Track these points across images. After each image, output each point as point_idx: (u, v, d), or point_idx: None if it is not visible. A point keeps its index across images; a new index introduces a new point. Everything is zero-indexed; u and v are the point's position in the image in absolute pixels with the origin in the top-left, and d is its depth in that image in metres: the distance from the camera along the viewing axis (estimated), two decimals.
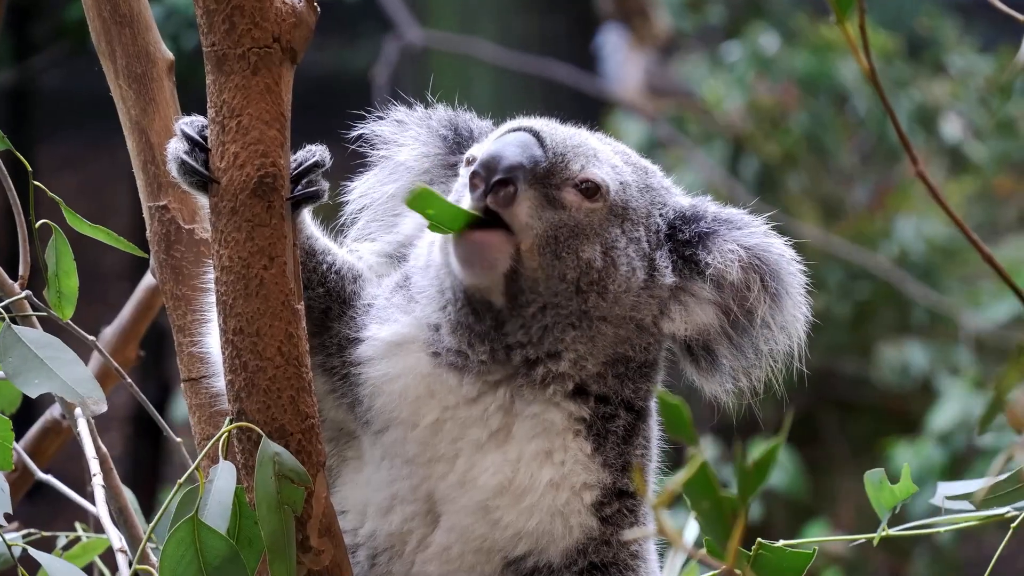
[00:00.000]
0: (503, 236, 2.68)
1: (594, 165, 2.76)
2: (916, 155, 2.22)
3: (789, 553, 2.66)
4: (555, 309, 2.74)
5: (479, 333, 2.75)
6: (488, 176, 2.66)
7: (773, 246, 2.81)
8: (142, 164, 2.98)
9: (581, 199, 2.73)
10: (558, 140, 2.76)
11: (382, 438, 2.79)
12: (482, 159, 2.68)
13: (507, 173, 2.67)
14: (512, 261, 2.69)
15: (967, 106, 9.51)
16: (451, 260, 2.71)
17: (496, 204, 2.66)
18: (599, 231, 2.75)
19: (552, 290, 2.72)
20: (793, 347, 2.81)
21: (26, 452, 3.26)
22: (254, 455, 2.57)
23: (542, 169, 2.72)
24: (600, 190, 2.75)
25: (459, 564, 2.79)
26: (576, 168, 2.75)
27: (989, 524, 2.88)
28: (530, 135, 2.75)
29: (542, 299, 2.73)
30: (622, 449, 2.80)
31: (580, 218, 2.73)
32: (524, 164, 2.69)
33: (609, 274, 2.74)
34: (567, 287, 2.73)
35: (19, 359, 2.61)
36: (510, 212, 2.68)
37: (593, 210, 2.74)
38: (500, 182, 2.66)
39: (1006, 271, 2.26)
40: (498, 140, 2.75)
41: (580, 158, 2.76)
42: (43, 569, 2.64)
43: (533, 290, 2.72)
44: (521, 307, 2.73)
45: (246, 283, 2.58)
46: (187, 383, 2.93)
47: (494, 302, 2.73)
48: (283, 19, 2.58)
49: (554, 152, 2.74)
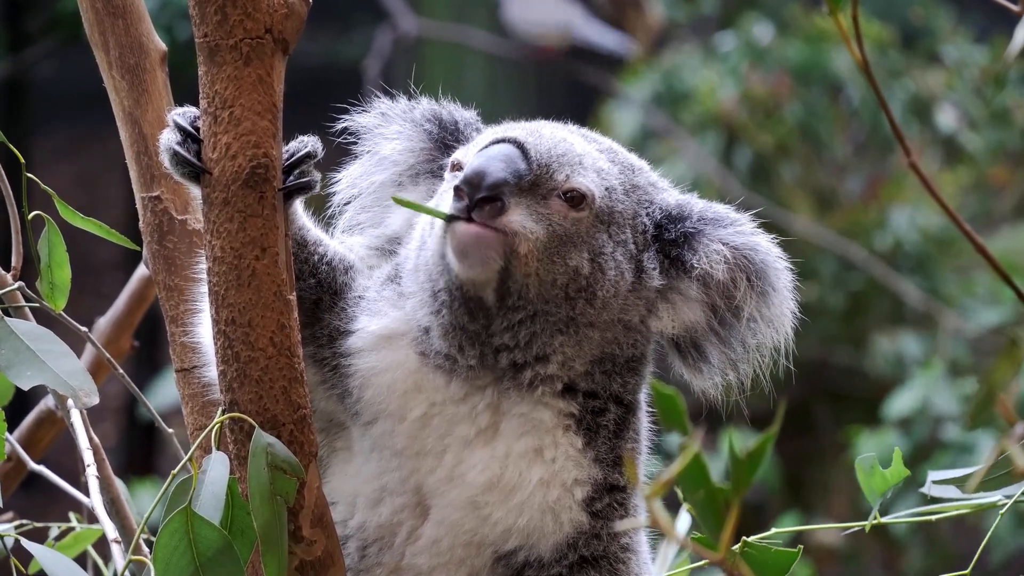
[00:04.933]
0: (498, 234, 2.69)
1: (579, 174, 2.76)
2: (909, 146, 2.22)
3: (774, 551, 2.67)
4: (544, 316, 2.74)
5: (471, 335, 2.75)
6: (472, 193, 2.67)
7: (759, 244, 2.81)
8: (135, 155, 2.98)
9: (567, 209, 2.74)
10: (542, 151, 2.76)
11: (371, 429, 2.80)
12: (466, 175, 2.69)
13: (491, 191, 2.68)
14: (504, 260, 2.70)
15: (961, 96, 9.51)
16: (447, 251, 2.71)
17: (482, 219, 2.67)
18: (586, 239, 2.75)
19: (543, 296, 2.73)
20: (781, 342, 2.82)
21: (20, 443, 3.26)
22: (246, 445, 2.57)
23: (527, 182, 2.72)
24: (585, 199, 2.75)
25: (449, 557, 2.79)
26: (561, 178, 2.75)
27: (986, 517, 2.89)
28: (514, 147, 2.75)
29: (532, 306, 2.73)
30: (613, 443, 2.80)
31: (567, 227, 2.73)
32: (508, 180, 2.70)
33: (597, 280, 2.75)
34: (557, 293, 2.73)
35: (11, 351, 2.61)
36: (499, 222, 2.68)
37: (579, 219, 2.74)
38: (484, 199, 2.67)
39: (999, 262, 2.26)
40: (481, 154, 2.74)
41: (565, 167, 2.76)
42: (35, 560, 2.64)
43: (522, 295, 2.72)
44: (509, 309, 2.74)
45: (238, 273, 2.58)
46: (179, 373, 2.93)
47: (485, 299, 2.73)
48: (275, 10, 2.58)
49: (538, 164, 2.74)
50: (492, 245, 2.68)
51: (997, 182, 9.70)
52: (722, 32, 9.87)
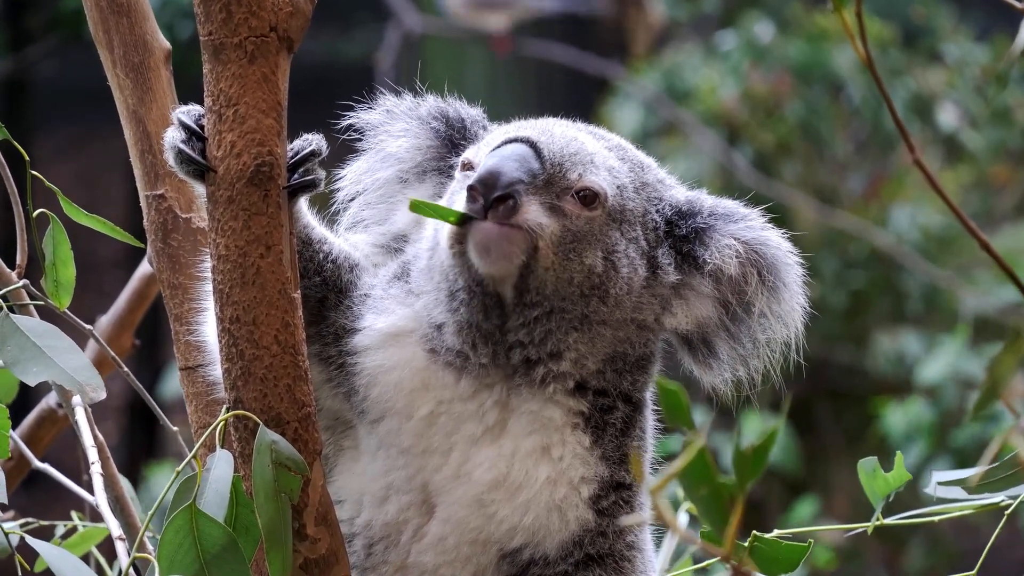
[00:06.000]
0: (519, 230, 2.69)
1: (591, 172, 2.77)
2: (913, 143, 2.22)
3: (785, 546, 2.67)
4: (560, 313, 2.75)
5: (485, 332, 2.75)
6: (487, 193, 2.68)
7: (770, 239, 2.81)
8: (139, 153, 2.98)
9: (580, 207, 2.74)
10: (555, 150, 2.76)
11: (378, 428, 2.80)
12: (480, 175, 2.69)
13: (506, 189, 2.68)
14: (526, 255, 2.70)
15: (963, 95, 9.50)
16: (468, 249, 2.71)
17: (497, 218, 2.67)
18: (599, 237, 2.75)
19: (560, 294, 2.73)
20: (791, 337, 2.82)
21: (23, 441, 3.26)
22: (251, 443, 2.57)
23: (540, 182, 2.73)
24: (598, 197, 2.76)
25: (455, 555, 2.80)
26: (574, 177, 2.75)
27: (987, 515, 2.88)
28: (527, 147, 2.75)
29: (548, 302, 2.74)
30: (620, 441, 2.81)
31: (580, 225, 2.74)
32: (523, 179, 2.71)
33: (610, 278, 2.75)
34: (574, 291, 2.73)
35: (17, 348, 2.61)
36: (517, 219, 2.69)
37: (592, 218, 2.75)
38: (499, 198, 2.67)
39: (1003, 259, 2.26)
40: (494, 154, 2.75)
41: (577, 166, 2.76)
42: (41, 558, 2.64)
43: (540, 291, 2.73)
44: (526, 306, 2.74)
45: (243, 271, 2.58)
46: (184, 371, 2.93)
47: (504, 295, 2.73)
48: (280, 8, 2.58)
49: (551, 163, 2.75)
50: (515, 241, 2.69)
51: (998, 181, 9.69)
52: (723, 31, 9.86)
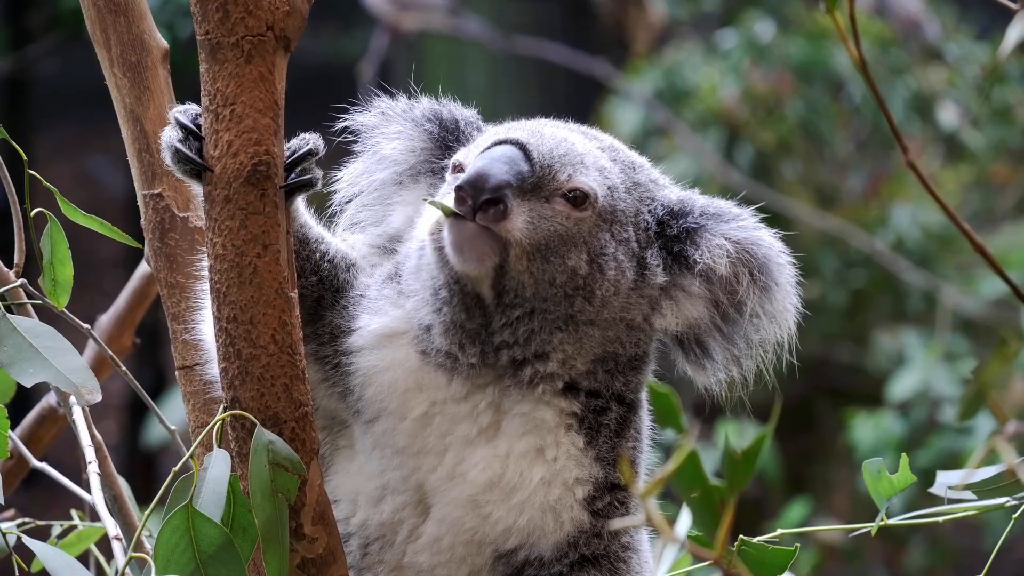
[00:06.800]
0: (492, 235, 2.68)
1: (581, 173, 2.76)
2: (910, 144, 2.22)
3: (771, 550, 2.67)
4: (542, 313, 2.74)
5: (470, 332, 2.75)
6: (476, 195, 2.67)
7: (762, 239, 2.81)
8: (136, 152, 2.98)
9: (569, 208, 2.74)
10: (544, 151, 2.76)
11: (373, 427, 2.80)
12: (468, 178, 2.68)
13: (494, 192, 2.68)
14: (500, 257, 2.70)
15: (963, 93, 9.50)
16: (445, 244, 2.71)
17: (485, 221, 2.67)
18: (587, 238, 2.75)
19: (540, 295, 2.73)
20: (784, 337, 2.82)
21: (22, 440, 3.26)
22: (248, 443, 2.58)
23: (529, 184, 2.72)
24: (588, 198, 2.75)
25: (450, 555, 2.80)
26: (563, 178, 2.75)
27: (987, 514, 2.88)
28: (516, 148, 2.74)
29: (529, 303, 2.74)
30: (615, 442, 2.81)
31: (569, 227, 2.73)
32: (511, 182, 2.70)
33: (596, 279, 2.75)
34: (555, 291, 2.73)
35: (14, 348, 2.61)
36: (500, 227, 2.68)
37: (581, 219, 2.75)
38: (488, 201, 2.67)
39: (997, 261, 2.25)
40: (483, 156, 2.74)
41: (567, 167, 2.76)
42: (37, 558, 2.64)
43: (518, 293, 2.73)
44: (507, 306, 2.74)
45: (240, 271, 2.59)
46: (181, 371, 2.93)
47: (483, 295, 2.73)
48: (277, 7, 2.58)
49: (540, 165, 2.74)
50: (487, 242, 2.68)
51: (999, 179, 9.68)
52: (723, 29, 9.85)
